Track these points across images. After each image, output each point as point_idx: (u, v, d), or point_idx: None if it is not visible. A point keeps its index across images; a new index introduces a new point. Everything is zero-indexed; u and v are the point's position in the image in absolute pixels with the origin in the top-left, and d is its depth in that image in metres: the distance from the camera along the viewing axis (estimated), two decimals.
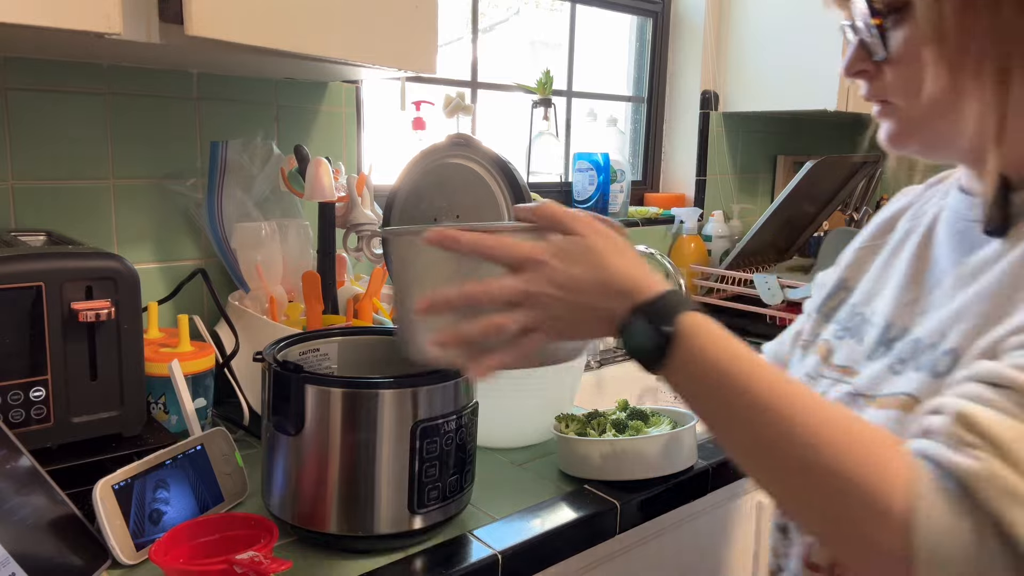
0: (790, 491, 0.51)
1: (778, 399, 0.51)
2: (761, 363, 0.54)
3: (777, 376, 0.53)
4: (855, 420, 0.51)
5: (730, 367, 0.53)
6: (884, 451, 0.48)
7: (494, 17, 1.89)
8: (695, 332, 0.55)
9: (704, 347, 0.54)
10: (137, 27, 0.79)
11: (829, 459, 0.48)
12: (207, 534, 0.77)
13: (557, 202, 0.61)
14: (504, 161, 0.91)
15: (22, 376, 0.78)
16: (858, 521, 0.47)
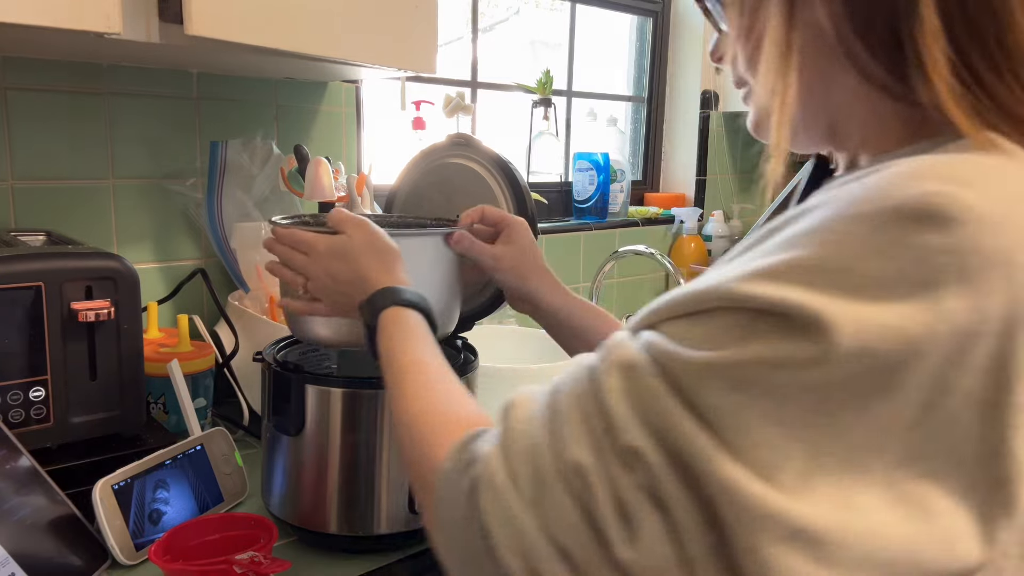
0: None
1: (405, 386, 0.59)
2: (413, 359, 0.61)
3: (418, 369, 0.60)
4: (448, 406, 0.55)
5: (391, 360, 0.62)
6: (447, 432, 0.52)
7: (494, 17, 1.89)
8: (383, 327, 0.65)
9: (384, 341, 0.64)
10: (137, 27, 0.79)
11: (410, 440, 0.55)
12: (207, 534, 0.77)
13: (347, 210, 0.76)
14: (504, 161, 0.91)
15: (22, 376, 0.78)
16: (417, 491, 0.53)
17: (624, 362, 0.43)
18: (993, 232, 0.38)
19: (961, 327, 0.37)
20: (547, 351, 1.25)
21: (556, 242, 1.78)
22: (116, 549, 0.74)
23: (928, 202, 0.38)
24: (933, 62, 0.43)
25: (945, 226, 0.38)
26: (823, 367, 0.38)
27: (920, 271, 0.38)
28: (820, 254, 0.39)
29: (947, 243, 0.37)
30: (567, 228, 1.82)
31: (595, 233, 1.87)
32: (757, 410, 0.39)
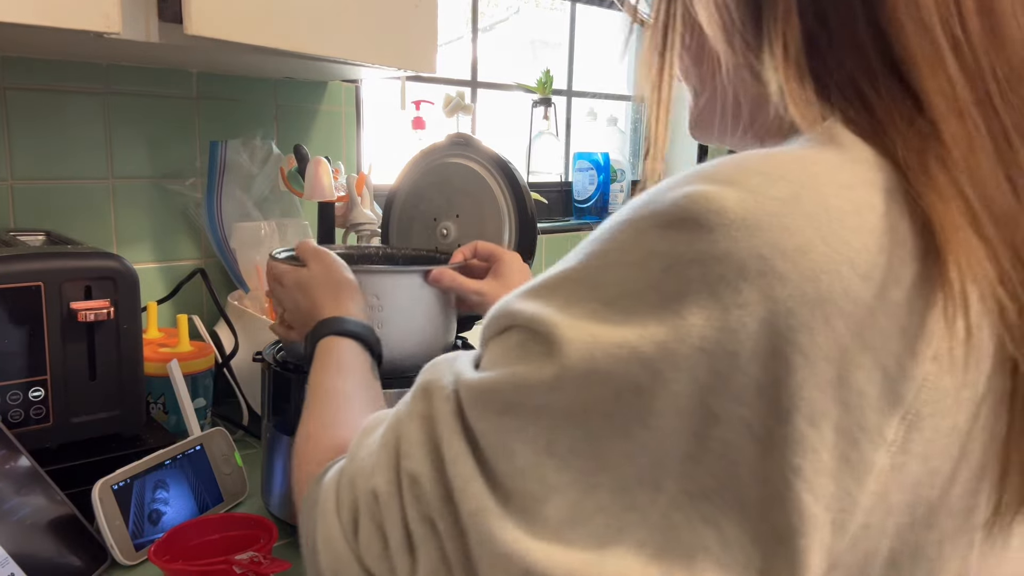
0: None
1: (308, 410, 0.61)
2: (326, 386, 0.63)
3: (325, 395, 0.62)
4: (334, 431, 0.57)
5: (310, 386, 0.64)
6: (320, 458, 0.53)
7: (494, 16, 1.89)
8: (316, 355, 0.67)
9: (312, 368, 0.66)
10: (136, 26, 0.79)
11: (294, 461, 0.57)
12: (206, 534, 0.77)
13: (313, 242, 0.80)
14: (504, 161, 0.91)
15: (21, 376, 0.78)
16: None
17: (427, 384, 0.42)
18: (749, 237, 0.33)
19: (709, 346, 0.33)
20: None
21: (556, 242, 1.78)
22: (115, 549, 0.74)
23: (680, 207, 0.34)
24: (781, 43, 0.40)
25: (694, 232, 0.34)
26: (560, 391, 0.36)
27: (668, 284, 0.34)
28: (582, 265, 0.37)
29: (695, 251, 0.34)
30: (567, 228, 1.82)
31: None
32: (525, 436, 0.37)
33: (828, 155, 0.36)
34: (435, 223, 0.96)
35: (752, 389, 0.33)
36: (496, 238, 0.91)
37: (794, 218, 0.33)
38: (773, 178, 0.34)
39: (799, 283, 0.33)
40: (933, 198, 0.34)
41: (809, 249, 0.33)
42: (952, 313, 0.34)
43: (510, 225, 0.90)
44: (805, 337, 0.33)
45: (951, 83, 0.37)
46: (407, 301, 0.79)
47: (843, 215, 0.34)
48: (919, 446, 0.35)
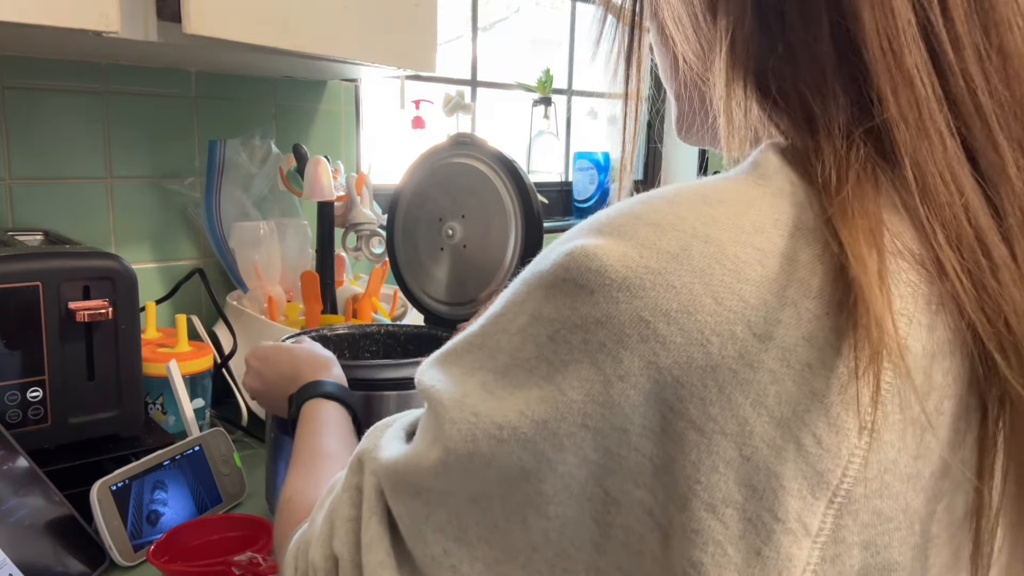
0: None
1: (291, 470, 0.60)
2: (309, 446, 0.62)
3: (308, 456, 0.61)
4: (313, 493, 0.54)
5: (294, 447, 0.64)
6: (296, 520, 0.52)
7: (494, 15, 1.89)
8: (301, 417, 0.68)
9: (297, 430, 0.66)
10: (135, 25, 0.79)
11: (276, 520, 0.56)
12: (205, 535, 0.77)
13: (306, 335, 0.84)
14: (509, 159, 0.91)
15: (19, 376, 0.77)
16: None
17: (361, 454, 0.42)
18: (630, 298, 0.29)
19: (593, 423, 0.30)
20: None
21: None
22: (114, 550, 0.74)
23: (561, 266, 0.31)
24: (728, 42, 0.36)
25: (575, 294, 0.31)
26: (449, 476, 0.34)
27: (553, 353, 0.31)
28: (481, 330, 0.35)
29: (577, 316, 0.30)
30: (567, 228, 1.82)
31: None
32: (436, 521, 0.35)
33: (740, 189, 0.32)
34: (440, 223, 0.96)
35: (648, 470, 0.30)
36: (502, 237, 0.91)
37: (680, 274, 0.29)
38: (663, 228, 0.30)
39: (685, 348, 0.29)
40: (855, 238, 0.29)
41: (696, 309, 0.29)
42: (870, 369, 0.28)
43: (516, 224, 0.90)
44: (696, 409, 0.29)
45: (912, 87, 0.32)
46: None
47: (740, 266, 0.29)
48: (856, 534, 0.30)
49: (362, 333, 0.95)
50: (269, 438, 0.83)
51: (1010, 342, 0.30)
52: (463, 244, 0.94)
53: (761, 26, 0.35)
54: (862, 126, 0.32)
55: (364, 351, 0.96)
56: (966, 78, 0.32)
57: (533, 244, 0.90)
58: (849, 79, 0.33)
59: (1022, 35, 0.33)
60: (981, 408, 0.31)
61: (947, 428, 0.30)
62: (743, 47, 0.35)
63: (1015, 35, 0.33)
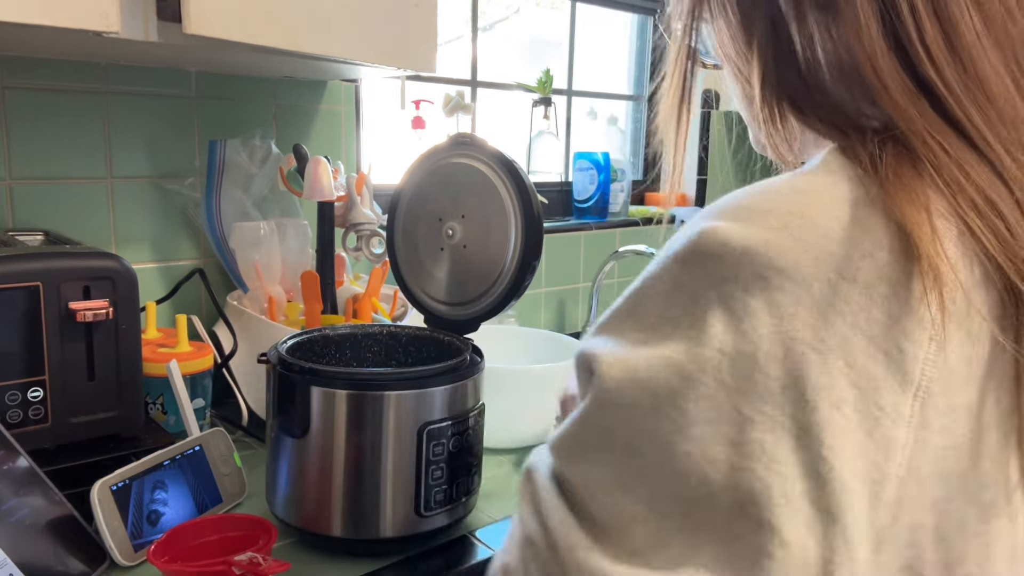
0: None
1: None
2: None
3: None
4: None
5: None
6: None
7: (494, 15, 1.89)
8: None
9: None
10: (135, 26, 0.79)
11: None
12: (205, 535, 0.77)
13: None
14: (509, 159, 0.91)
15: (20, 376, 0.77)
16: None
17: (525, 474, 0.47)
18: (751, 260, 0.40)
19: (728, 349, 0.39)
20: (550, 351, 1.25)
21: (556, 242, 1.78)
22: (114, 550, 0.74)
23: (695, 243, 0.41)
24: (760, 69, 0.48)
25: (707, 262, 0.41)
26: (604, 412, 0.42)
27: (694, 307, 0.41)
28: (627, 301, 0.44)
29: (711, 277, 0.40)
30: (567, 228, 1.82)
31: (595, 233, 1.86)
32: (599, 476, 0.42)
33: (818, 180, 0.43)
34: (440, 223, 0.96)
35: (776, 389, 0.38)
36: (502, 237, 0.91)
37: (785, 241, 0.40)
38: (769, 211, 0.41)
39: (794, 291, 0.39)
40: (906, 205, 0.40)
41: (800, 264, 0.39)
42: (933, 295, 0.39)
43: (516, 224, 0.90)
44: (811, 334, 0.38)
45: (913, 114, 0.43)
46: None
47: (827, 231, 0.40)
48: (936, 421, 0.39)
49: (364, 333, 0.95)
50: (269, 438, 0.83)
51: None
52: (463, 244, 0.94)
53: (781, 66, 0.47)
54: (885, 132, 0.43)
55: (366, 351, 0.96)
56: (951, 94, 0.43)
57: (533, 244, 0.90)
58: (859, 102, 0.45)
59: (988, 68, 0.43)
60: (1014, 329, 0.41)
61: (988, 341, 0.40)
62: (772, 80, 0.48)
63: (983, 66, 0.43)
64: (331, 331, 0.93)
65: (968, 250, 0.40)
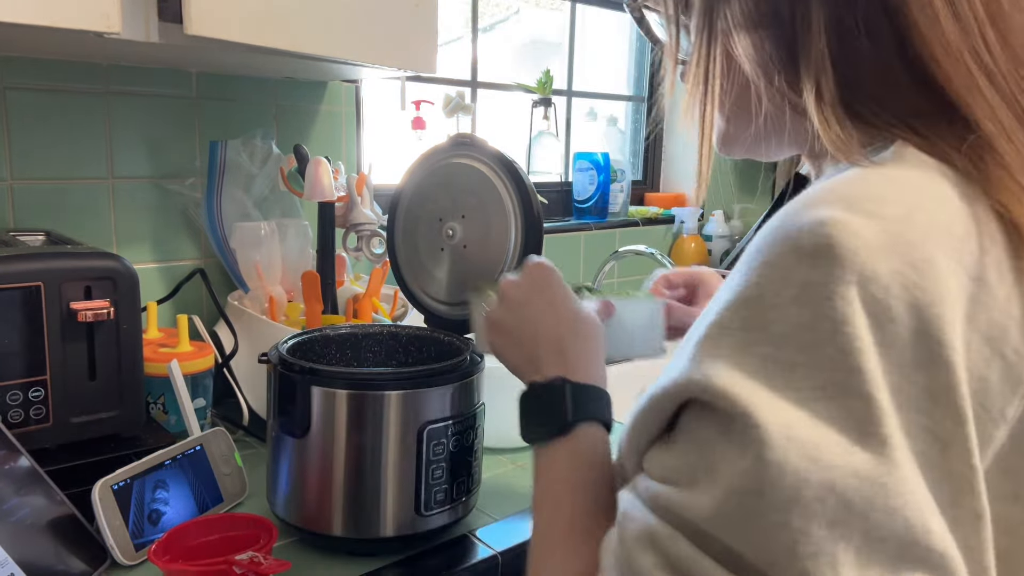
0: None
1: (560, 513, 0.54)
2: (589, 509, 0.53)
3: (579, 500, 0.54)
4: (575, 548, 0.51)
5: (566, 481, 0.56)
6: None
7: (494, 16, 1.89)
8: (577, 437, 0.57)
9: (567, 455, 0.57)
10: (136, 26, 0.79)
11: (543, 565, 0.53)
12: (206, 534, 0.77)
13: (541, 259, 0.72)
14: (509, 160, 0.91)
15: (21, 376, 0.77)
16: None
17: (643, 535, 0.41)
18: (887, 256, 0.37)
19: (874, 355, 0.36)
20: None
21: (556, 242, 1.78)
22: (115, 549, 0.74)
23: (820, 235, 0.37)
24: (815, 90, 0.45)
25: (838, 258, 0.37)
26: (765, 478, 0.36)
27: (833, 311, 0.36)
28: (740, 315, 0.39)
29: (849, 275, 0.36)
30: (567, 228, 1.82)
31: (595, 233, 1.87)
32: (780, 541, 0.36)
33: (906, 173, 0.41)
34: (440, 223, 0.96)
35: (925, 396, 0.36)
36: (502, 237, 0.91)
37: (914, 233, 0.37)
38: (885, 201, 0.38)
39: (934, 290, 0.37)
40: (1009, 199, 0.39)
41: (934, 260, 0.37)
42: None
43: (516, 224, 0.90)
44: (950, 335, 0.37)
45: (992, 107, 0.42)
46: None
47: (949, 226, 0.38)
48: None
49: (364, 333, 0.95)
50: (270, 438, 0.83)
51: None
52: (463, 244, 0.94)
53: (843, 81, 0.45)
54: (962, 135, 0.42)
55: (366, 351, 0.96)
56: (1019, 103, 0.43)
57: (533, 244, 0.90)
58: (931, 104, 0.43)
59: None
60: None
61: None
62: (831, 95, 0.45)
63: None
64: (331, 331, 0.93)
65: None
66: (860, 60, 0.44)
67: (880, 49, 0.44)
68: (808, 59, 0.45)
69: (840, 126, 0.45)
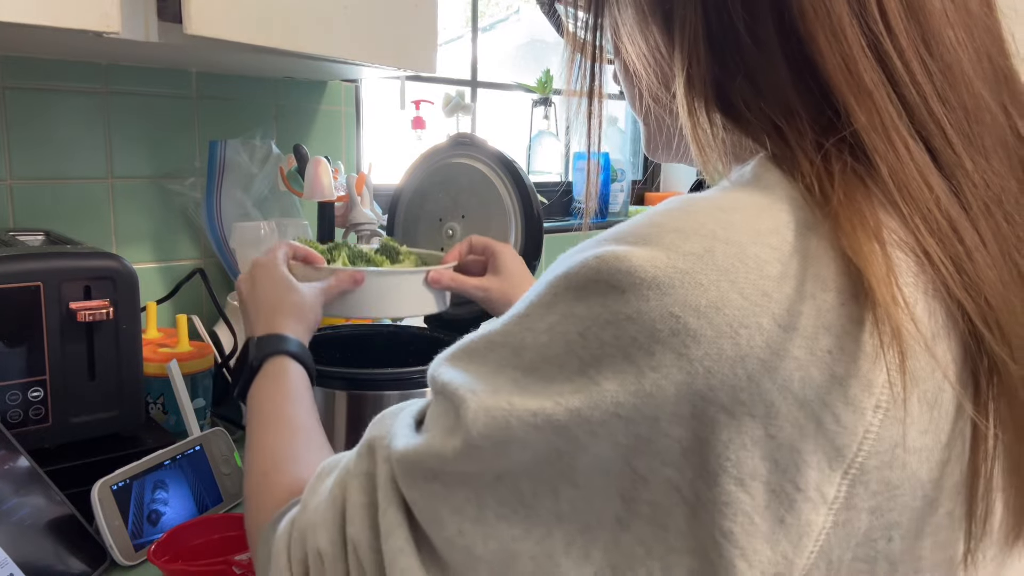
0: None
1: (266, 432, 0.60)
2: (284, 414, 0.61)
3: (282, 422, 0.60)
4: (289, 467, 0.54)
5: (261, 409, 0.63)
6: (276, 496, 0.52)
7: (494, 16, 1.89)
8: (264, 371, 0.65)
9: (262, 388, 0.64)
10: (136, 26, 0.79)
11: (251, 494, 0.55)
12: (206, 535, 0.77)
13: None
14: (509, 160, 0.91)
15: (20, 376, 0.77)
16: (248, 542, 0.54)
17: (371, 441, 0.42)
18: (660, 296, 0.32)
19: (625, 412, 0.32)
20: None
21: (556, 242, 1.78)
22: (115, 550, 0.74)
23: (591, 268, 0.33)
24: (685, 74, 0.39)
25: (606, 294, 0.33)
26: (472, 460, 0.35)
27: (584, 349, 0.33)
28: (505, 329, 0.37)
29: (608, 313, 0.33)
30: (567, 228, 1.82)
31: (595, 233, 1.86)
32: (453, 503, 0.36)
33: (750, 198, 0.35)
34: (440, 223, 0.96)
35: (677, 451, 0.32)
36: (502, 237, 0.91)
37: (707, 273, 0.32)
38: (687, 233, 0.33)
39: (715, 340, 0.31)
40: (858, 235, 0.32)
41: (724, 304, 0.31)
42: (892, 354, 0.31)
43: (516, 224, 0.90)
44: (727, 396, 0.31)
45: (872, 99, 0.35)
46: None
47: (761, 264, 0.32)
48: (866, 500, 0.33)
49: (364, 333, 0.95)
50: None
51: (992, 317, 0.33)
52: None
53: (716, 58, 0.38)
54: (831, 136, 0.35)
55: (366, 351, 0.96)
56: (917, 88, 0.35)
57: (533, 244, 0.90)
58: (807, 95, 0.36)
59: (955, 45, 0.36)
60: (974, 384, 0.34)
61: (950, 402, 0.34)
62: (700, 79, 0.39)
63: (950, 46, 0.36)
64: (331, 331, 0.93)
65: (927, 287, 0.33)
66: (737, 36, 0.37)
67: (758, 23, 0.37)
68: (682, 37, 0.39)
69: (708, 118, 0.39)
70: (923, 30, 0.36)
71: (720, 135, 0.39)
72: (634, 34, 0.44)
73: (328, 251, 0.88)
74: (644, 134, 0.51)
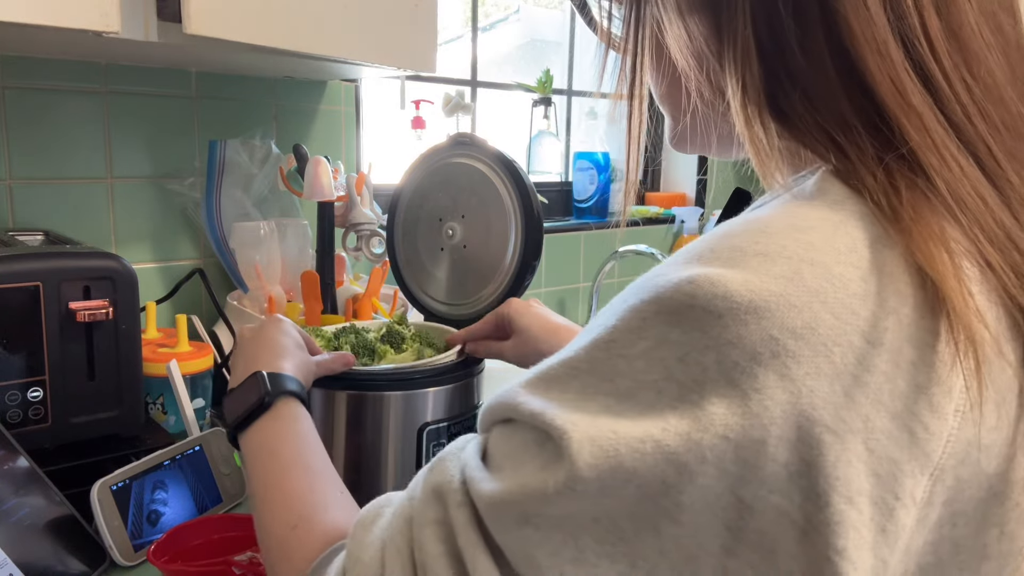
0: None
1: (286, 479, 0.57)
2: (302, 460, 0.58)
3: (301, 469, 0.57)
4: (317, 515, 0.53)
5: (274, 452, 0.60)
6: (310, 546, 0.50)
7: (494, 15, 1.89)
8: (273, 413, 0.62)
9: (270, 429, 0.62)
10: (135, 26, 0.79)
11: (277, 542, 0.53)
12: (205, 535, 0.77)
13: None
14: (509, 160, 0.91)
15: (19, 376, 0.77)
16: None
17: (438, 488, 0.40)
18: (758, 320, 0.32)
19: (734, 435, 0.32)
20: None
21: (556, 242, 1.78)
22: (114, 550, 0.74)
23: (686, 293, 0.34)
24: (740, 86, 0.40)
25: (704, 319, 0.33)
26: (577, 497, 0.34)
27: (684, 374, 0.33)
28: (588, 355, 0.36)
29: (708, 338, 0.33)
30: (567, 228, 1.82)
31: (595, 233, 1.86)
32: (550, 546, 0.35)
33: (820, 215, 0.36)
34: (440, 223, 0.96)
35: (783, 477, 0.32)
36: (502, 237, 0.91)
37: (799, 295, 0.33)
38: (772, 256, 0.34)
39: (812, 359, 0.32)
40: (931, 249, 0.34)
41: (818, 324, 0.33)
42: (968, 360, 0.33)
43: (516, 224, 0.90)
44: (829, 414, 0.32)
45: (922, 119, 0.37)
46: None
47: (846, 283, 0.34)
48: (941, 495, 0.35)
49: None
50: None
51: None
52: (463, 244, 0.94)
53: (769, 74, 0.40)
54: (889, 152, 0.37)
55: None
56: (962, 108, 0.37)
57: (533, 244, 0.90)
58: (861, 111, 0.38)
59: (993, 66, 0.38)
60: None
61: (1013, 402, 0.35)
62: (755, 91, 0.40)
63: (989, 67, 0.38)
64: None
65: (992, 293, 0.35)
66: (788, 51, 0.39)
67: (809, 39, 0.38)
68: (734, 48, 0.40)
69: (763, 127, 0.40)
70: (963, 52, 0.38)
71: (776, 143, 0.40)
72: (680, 32, 0.44)
73: (335, 337, 0.89)
74: (671, 127, 0.52)
